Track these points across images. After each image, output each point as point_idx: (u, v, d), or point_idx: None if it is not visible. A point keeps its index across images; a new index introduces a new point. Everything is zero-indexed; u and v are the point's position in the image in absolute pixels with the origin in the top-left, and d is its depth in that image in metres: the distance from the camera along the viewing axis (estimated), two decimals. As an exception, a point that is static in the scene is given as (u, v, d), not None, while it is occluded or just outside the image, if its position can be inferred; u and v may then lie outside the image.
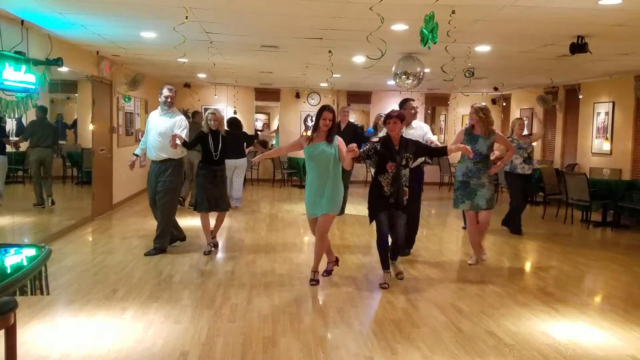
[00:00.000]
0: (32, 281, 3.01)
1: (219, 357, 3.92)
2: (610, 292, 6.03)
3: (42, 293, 3.10)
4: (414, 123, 6.82)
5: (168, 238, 7.06)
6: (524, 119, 9.20)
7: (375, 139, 5.88)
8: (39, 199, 8.72)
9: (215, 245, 7.19)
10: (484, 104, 6.72)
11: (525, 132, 9.14)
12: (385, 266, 5.75)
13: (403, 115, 5.79)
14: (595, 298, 5.93)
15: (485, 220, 6.62)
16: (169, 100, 6.84)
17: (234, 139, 8.94)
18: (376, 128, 9.60)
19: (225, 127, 8.58)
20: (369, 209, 5.75)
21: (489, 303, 5.32)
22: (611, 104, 10.99)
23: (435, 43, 4.82)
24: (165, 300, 5.12)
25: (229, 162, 9.98)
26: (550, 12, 5.50)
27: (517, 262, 7.22)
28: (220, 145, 6.88)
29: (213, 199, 6.92)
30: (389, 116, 5.69)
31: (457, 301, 5.34)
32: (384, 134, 5.80)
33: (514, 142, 8.35)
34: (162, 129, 6.80)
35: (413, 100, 6.99)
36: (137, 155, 7.11)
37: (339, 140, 5.72)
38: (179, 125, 6.80)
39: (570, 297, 5.58)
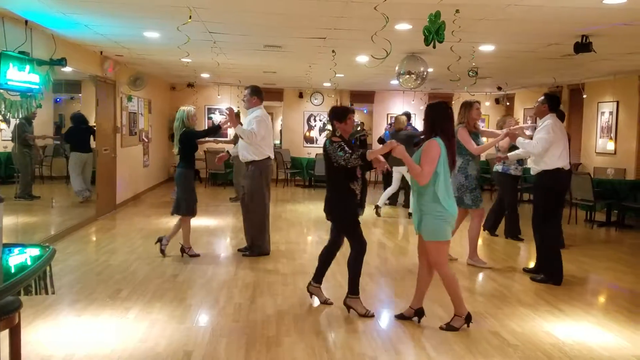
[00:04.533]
0: (37, 281, 3.02)
1: (222, 357, 3.92)
2: (615, 292, 6.00)
3: (46, 293, 3.11)
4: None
5: (263, 239, 6.90)
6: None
7: (336, 139, 4.82)
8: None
9: None
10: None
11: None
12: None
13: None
14: (599, 298, 5.91)
15: None
16: (244, 101, 6.98)
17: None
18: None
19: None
20: (349, 218, 4.86)
21: (493, 303, 5.31)
22: (615, 104, 10.96)
23: (441, 42, 4.80)
24: (169, 300, 5.13)
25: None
26: (554, 11, 5.48)
27: (520, 262, 7.19)
28: None
29: None
30: (350, 111, 4.96)
31: (461, 301, 5.32)
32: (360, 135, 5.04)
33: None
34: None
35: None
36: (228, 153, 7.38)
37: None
38: (249, 122, 6.66)
39: (575, 297, 5.56)
